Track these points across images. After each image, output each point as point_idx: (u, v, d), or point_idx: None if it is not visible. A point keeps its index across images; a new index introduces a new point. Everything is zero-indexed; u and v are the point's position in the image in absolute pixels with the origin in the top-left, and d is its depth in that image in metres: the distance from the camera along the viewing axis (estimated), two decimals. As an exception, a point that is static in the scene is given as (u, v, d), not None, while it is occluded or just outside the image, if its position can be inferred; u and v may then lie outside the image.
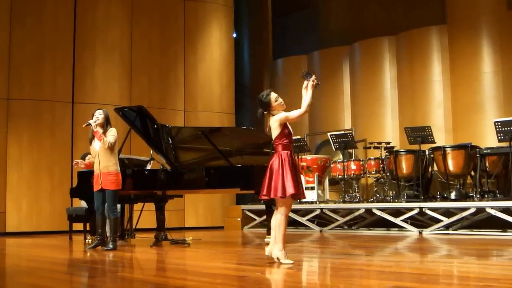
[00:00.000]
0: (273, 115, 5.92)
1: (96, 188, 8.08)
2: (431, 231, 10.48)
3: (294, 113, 5.90)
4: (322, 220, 12.28)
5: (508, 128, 9.98)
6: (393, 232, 11.06)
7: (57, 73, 12.92)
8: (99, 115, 8.08)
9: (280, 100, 5.95)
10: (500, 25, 12.03)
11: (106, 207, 8.25)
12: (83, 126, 8.24)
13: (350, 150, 13.05)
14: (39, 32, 12.80)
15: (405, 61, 13.40)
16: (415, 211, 10.70)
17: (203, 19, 14.96)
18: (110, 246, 7.97)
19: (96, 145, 8.06)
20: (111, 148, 7.97)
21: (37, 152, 12.58)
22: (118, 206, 9.44)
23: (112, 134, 8.01)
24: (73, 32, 13.22)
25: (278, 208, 5.94)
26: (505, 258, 6.57)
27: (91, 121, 8.03)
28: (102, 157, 7.98)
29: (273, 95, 5.95)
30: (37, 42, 12.77)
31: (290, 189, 5.72)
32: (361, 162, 12.45)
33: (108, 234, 8.98)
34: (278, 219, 5.90)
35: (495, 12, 12.12)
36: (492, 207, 9.82)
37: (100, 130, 8.01)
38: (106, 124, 8.10)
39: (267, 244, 8.37)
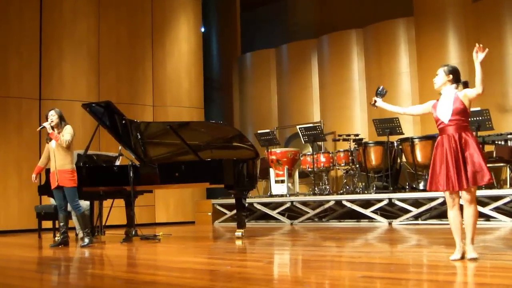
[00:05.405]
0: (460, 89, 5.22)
1: (53, 185, 8.05)
2: (401, 221, 10.59)
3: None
4: (293, 213, 12.31)
5: (475, 118, 10.12)
6: (363, 224, 11.14)
7: (23, 69, 12.72)
8: (52, 116, 8.03)
9: None
10: (465, 17, 12.16)
11: (69, 205, 8.21)
12: (37, 130, 8.72)
13: (319, 143, 13.10)
14: (4, 28, 12.58)
15: (372, 53, 13.49)
16: (385, 202, 10.79)
17: (171, 13, 14.88)
18: (86, 241, 7.96)
19: (53, 143, 8.04)
20: (68, 146, 7.95)
21: (4, 150, 12.39)
22: (88, 202, 9.40)
23: (68, 132, 7.97)
24: (39, 28, 13.02)
25: (464, 198, 5.35)
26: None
27: (45, 124, 8.03)
28: (58, 155, 7.98)
29: None
30: (2, 38, 12.55)
31: (488, 176, 5.15)
32: (330, 155, 12.50)
33: (79, 232, 8.95)
34: (474, 211, 5.29)
35: (460, 4, 12.26)
36: (460, 197, 9.91)
37: (56, 131, 7.99)
38: (60, 122, 8.06)
39: (238, 238, 8.42)
